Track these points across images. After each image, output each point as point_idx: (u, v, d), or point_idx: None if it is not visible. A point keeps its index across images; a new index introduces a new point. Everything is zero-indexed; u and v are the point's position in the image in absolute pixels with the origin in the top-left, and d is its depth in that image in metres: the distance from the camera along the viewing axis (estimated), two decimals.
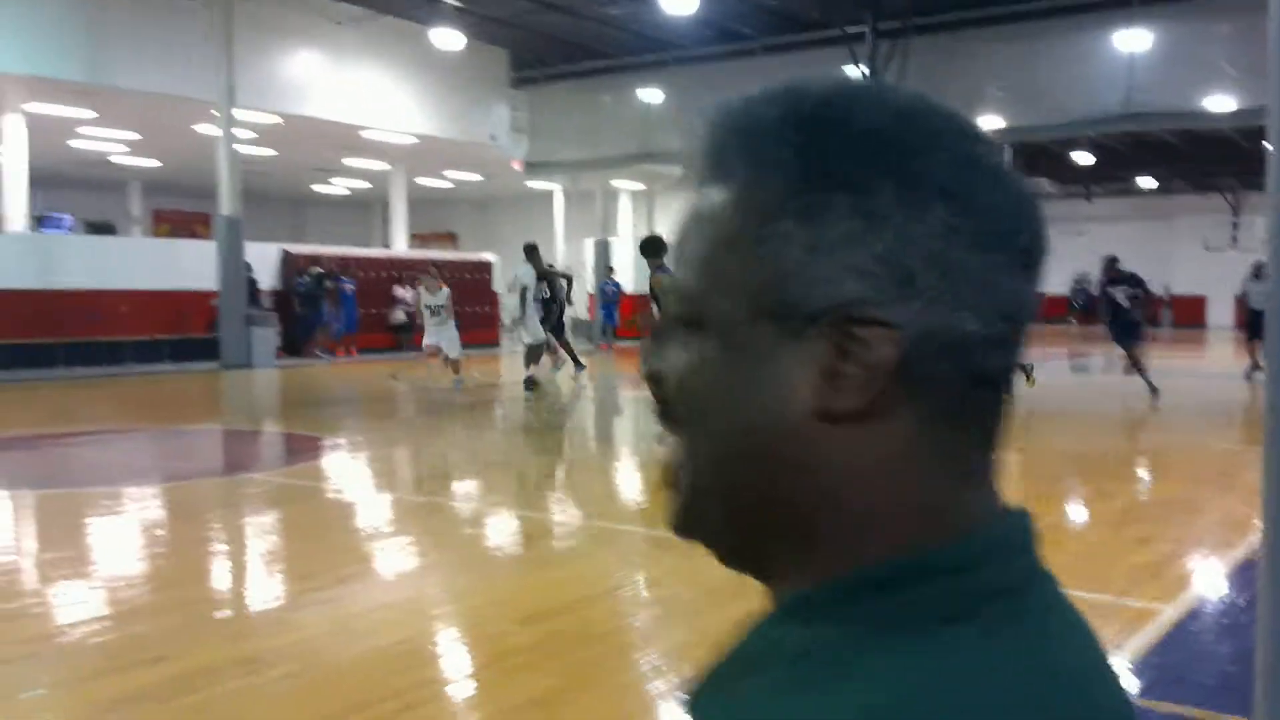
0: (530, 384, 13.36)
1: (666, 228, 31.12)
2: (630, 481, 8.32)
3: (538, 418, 12.05)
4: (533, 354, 13.66)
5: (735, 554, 0.53)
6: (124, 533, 6.37)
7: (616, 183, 29.41)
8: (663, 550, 5.42)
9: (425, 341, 14.12)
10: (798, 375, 0.48)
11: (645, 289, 9.95)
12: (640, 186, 30.08)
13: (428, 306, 14.17)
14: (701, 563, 0.72)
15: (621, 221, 30.57)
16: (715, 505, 0.52)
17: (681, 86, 24.00)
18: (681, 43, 22.42)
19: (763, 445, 0.49)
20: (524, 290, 13.37)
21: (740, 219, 0.50)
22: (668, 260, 2.90)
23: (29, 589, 5.13)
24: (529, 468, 8.94)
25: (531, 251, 13.92)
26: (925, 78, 21.21)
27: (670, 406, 0.53)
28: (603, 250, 26.84)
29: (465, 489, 8.03)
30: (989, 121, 21.28)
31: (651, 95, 24.42)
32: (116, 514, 6.94)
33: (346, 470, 8.68)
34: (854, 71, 21.96)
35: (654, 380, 0.54)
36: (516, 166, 26.23)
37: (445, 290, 14.11)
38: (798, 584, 0.50)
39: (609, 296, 25.23)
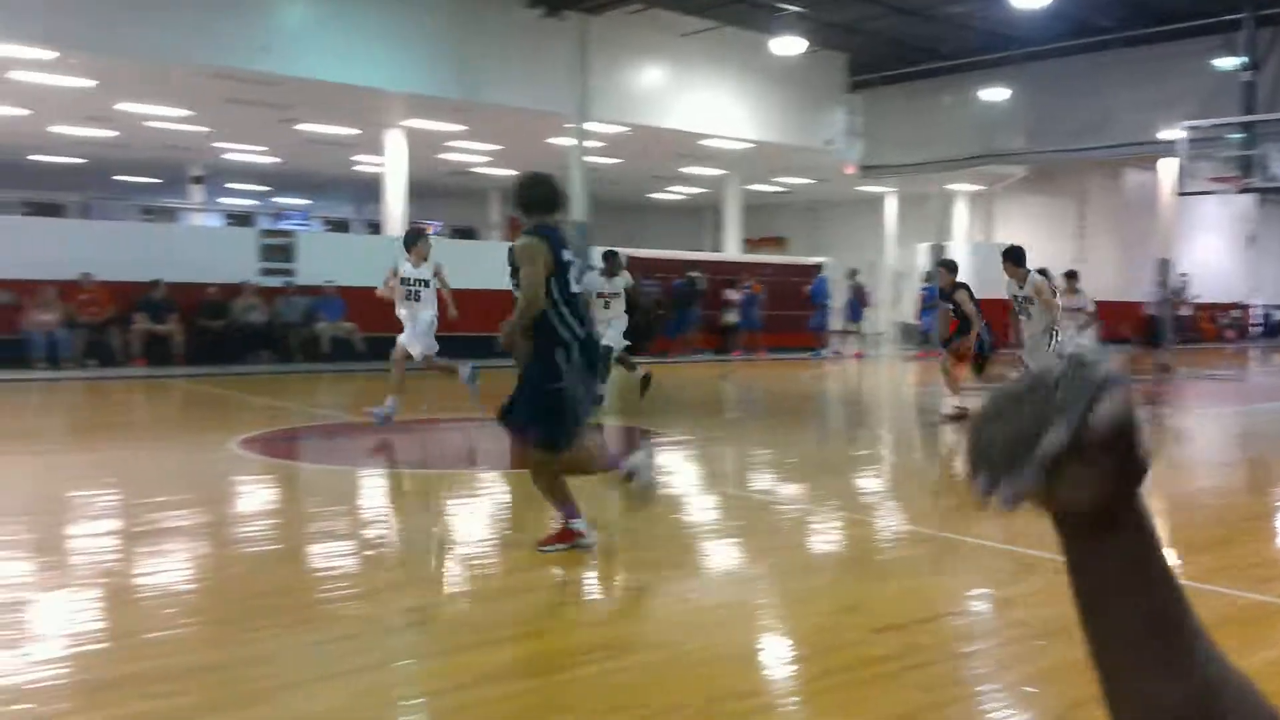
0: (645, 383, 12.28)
1: (1009, 231, 29.79)
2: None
3: (865, 424, 11.89)
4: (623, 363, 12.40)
5: None
6: (482, 514, 6.89)
7: (952, 185, 28.50)
8: (1022, 568, 5.20)
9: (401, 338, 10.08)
10: None
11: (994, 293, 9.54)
12: (978, 188, 28.98)
13: (405, 281, 9.96)
14: (1065, 587, 0.71)
15: (957, 224, 29.59)
16: None
17: (1029, 83, 22.92)
18: (1030, 38, 21.39)
19: None
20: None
21: None
22: (562, 217, 3.78)
23: (391, 564, 5.55)
24: (862, 472, 8.84)
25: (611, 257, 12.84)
26: None
27: None
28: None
29: (798, 491, 8.05)
30: None
31: (994, 94, 23.48)
32: (476, 496, 7.50)
33: (682, 465, 8.93)
34: (1229, 63, 20.08)
35: None
36: (850, 170, 26.02)
37: (431, 264, 10.10)
38: None
39: (931, 302, 24.50)
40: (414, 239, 10.08)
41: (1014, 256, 10.36)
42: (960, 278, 11.22)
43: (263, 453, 8.69)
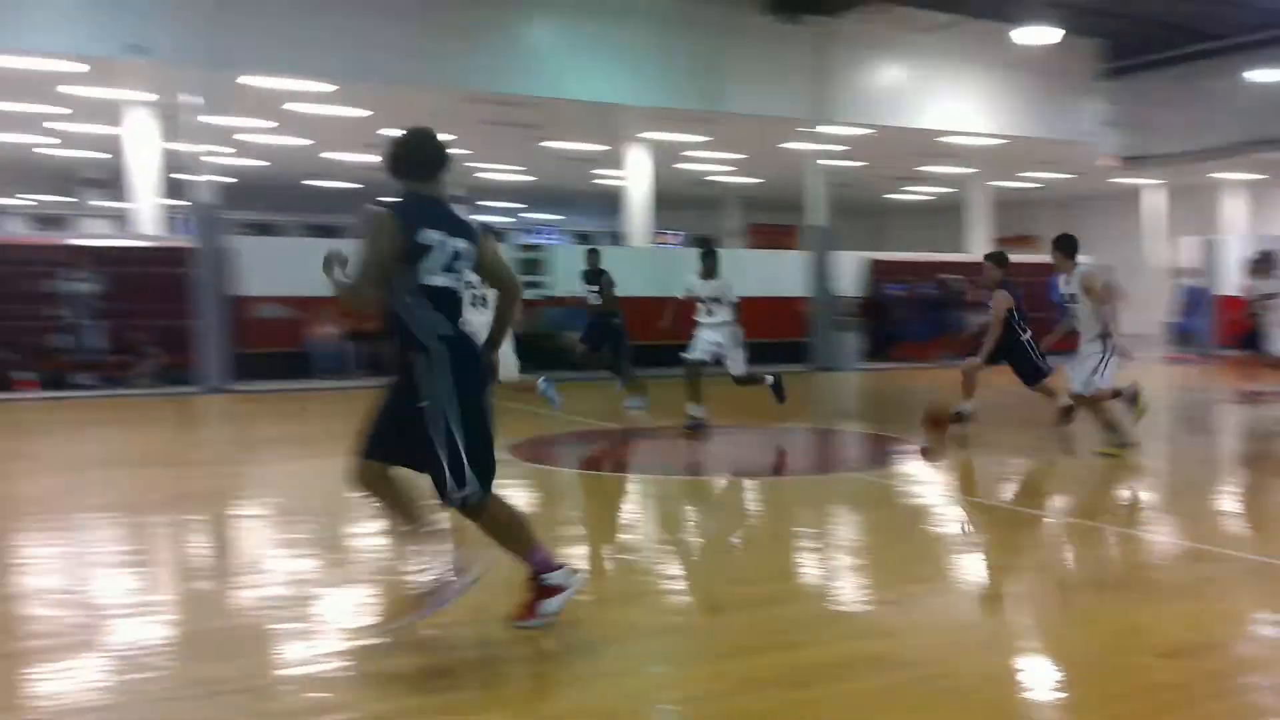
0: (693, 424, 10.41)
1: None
2: (1258, 509, 7.42)
3: (1118, 435, 11.16)
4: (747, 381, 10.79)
5: None
6: (735, 521, 6.92)
7: (1225, 174, 26.45)
8: None
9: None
10: None
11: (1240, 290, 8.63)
12: (1258, 177, 26.77)
13: (472, 290, 7.96)
14: None
15: (1230, 217, 27.43)
16: None
17: None
18: None
19: None
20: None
21: None
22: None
23: (655, 569, 5.67)
24: (1129, 483, 8.31)
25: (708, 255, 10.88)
26: None
27: None
28: (1207, 249, 24.24)
29: (1061, 502, 7.67)
30: None
31: (1271, 75, 21.59)
32: (728, 503, 7.55)
33: (936, 475, 8.67)
34: None
35: None
36: (1106, 163, 24.58)
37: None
38: None
39: (1193, 301, 22.74)
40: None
41: (1064, 246, 9.00)
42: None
43: (525, 458, 9.07)
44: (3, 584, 5.38)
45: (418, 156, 4.13)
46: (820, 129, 18.94)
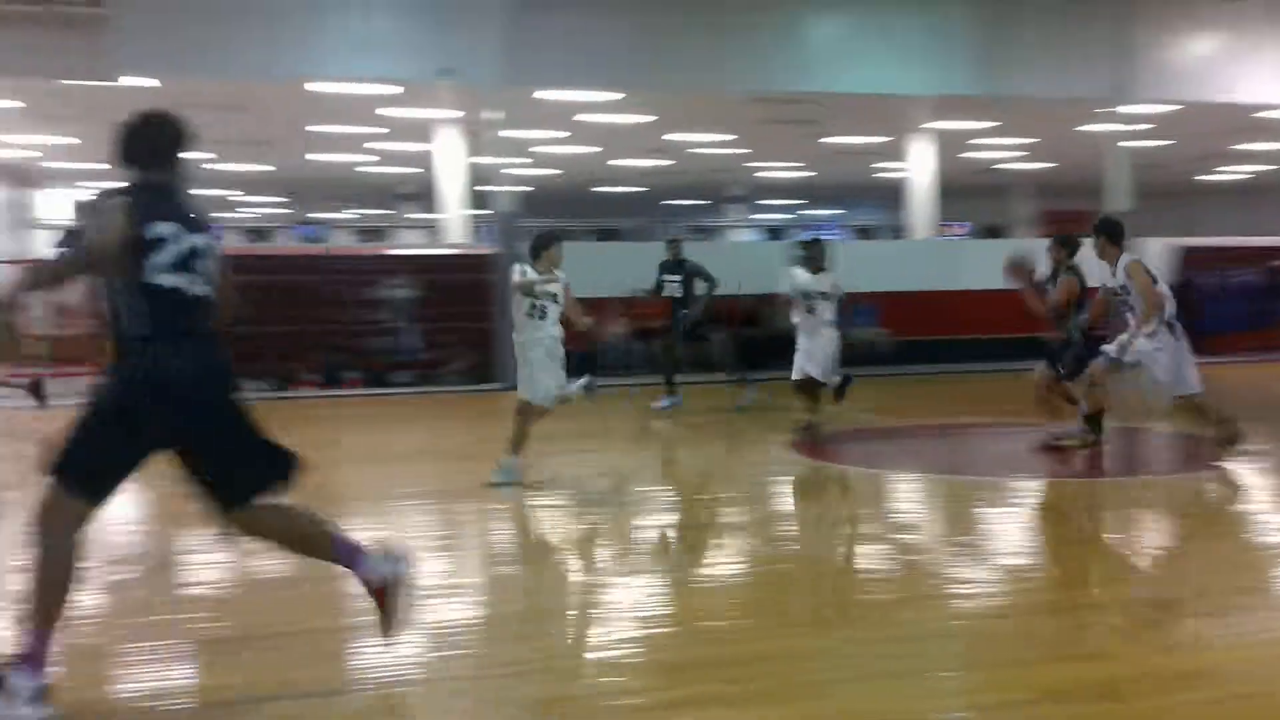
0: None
1: None
2: None
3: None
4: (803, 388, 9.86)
5: None
6: (1022, 523, 6.64)
7: None
8: None
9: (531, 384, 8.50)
10: None
11: None
12: None
13: (524, 290, 7.91)
14: None
15: None
16: None
17: None
18: None
19: None
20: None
21: None
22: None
23: (934, 570, 5.48)
24: None
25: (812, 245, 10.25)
26: None
27: None
28: None
29: None
30: None
31: None
32: (1009, 505, 7.24)
33: (1253, 479, 7.94)
34: None
35: None
36: None
37: (560, 278, 7.99)
38: None
39: None
40: (546, 243, 8.05)
41: (1107, 230, 7.68)
42: None
43: (805, 454, 9.08)
44: (329, 564, 5.96)
45: (150, 142, 3.70)
46: (1120, 109, 17.76)
